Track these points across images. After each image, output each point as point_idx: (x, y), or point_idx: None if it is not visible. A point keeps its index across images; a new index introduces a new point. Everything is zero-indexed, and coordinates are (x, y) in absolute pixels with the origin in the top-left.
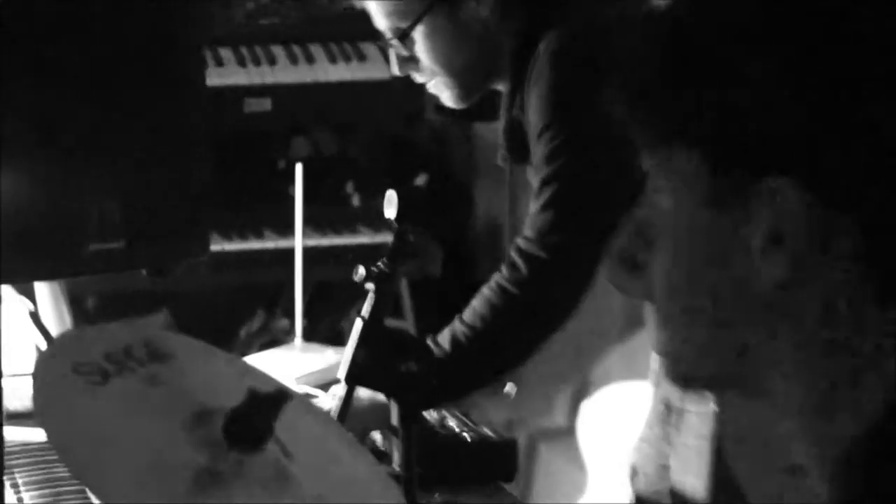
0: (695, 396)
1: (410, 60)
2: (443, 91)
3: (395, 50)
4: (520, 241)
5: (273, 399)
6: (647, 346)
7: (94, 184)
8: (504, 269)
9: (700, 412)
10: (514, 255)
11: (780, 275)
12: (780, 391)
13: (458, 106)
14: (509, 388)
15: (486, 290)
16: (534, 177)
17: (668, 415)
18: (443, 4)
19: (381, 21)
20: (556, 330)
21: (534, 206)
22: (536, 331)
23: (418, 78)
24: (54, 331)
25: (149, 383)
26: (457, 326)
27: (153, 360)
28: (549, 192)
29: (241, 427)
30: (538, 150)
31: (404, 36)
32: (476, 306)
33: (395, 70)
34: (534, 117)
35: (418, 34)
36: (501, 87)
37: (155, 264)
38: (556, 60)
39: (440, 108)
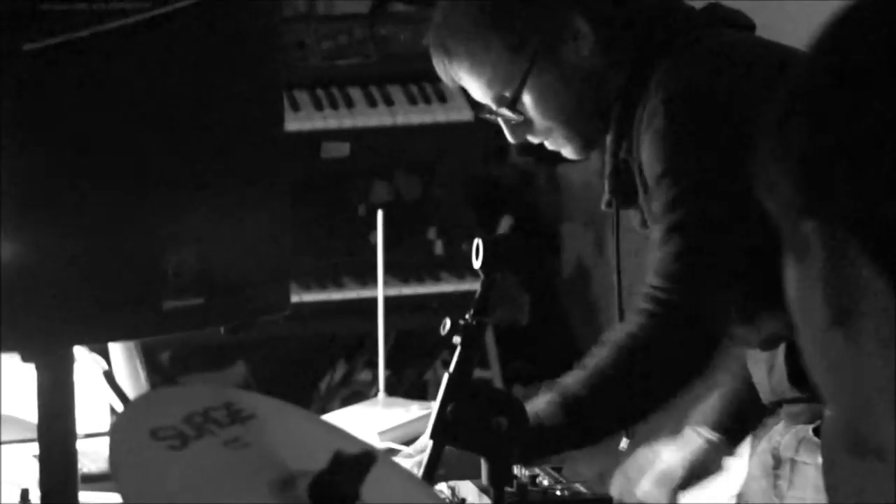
0: (812, 447)
1: (523, 124)
2: (564, 145)
3: (504, 118)
4: (649, 290)
5: (359, 461)
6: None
7: (169, 234)
8: (634, 318)
9: (819, 464)
10: (644, 303)
11: None
12: None
13: (583, 157)
14: (624, 444)
15: (613, 339)
16: (654, 226)
17: (777, 467)
18: (543, 55)
19: (481, 94)
20: (687, 386)
21: (660, 254)
22: (667, 387)
23: (534, 139)
24: (129, 389)
25: (230, 446)
26: (579, 376)
27: (234, 422)
28: (675, 240)
29: (326, 491)
30: (658, 197)
31: (513, 102)
32: (602, 356)
33: (511, 139)
34: (650, 161)
35: (525, 95)
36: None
37: (234, 321)
38: (671, 101)
39: (524, 148)
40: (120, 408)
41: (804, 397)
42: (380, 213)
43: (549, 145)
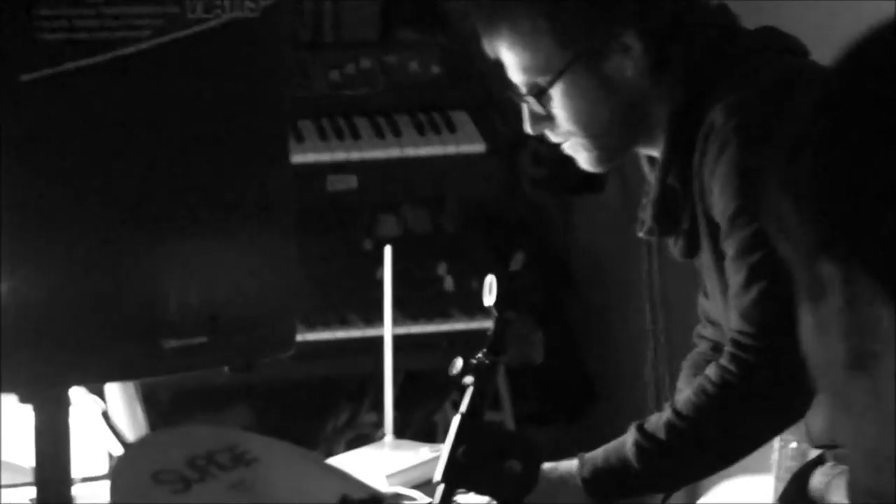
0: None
1: (546, 119)
2: (580, 153)
3: (530, 107)
4: (739, 336)
5: None
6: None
7: (171, 269)
8: (722, 367)
9: None
10: (735, 349)
11: None
12: None
13: (597, 170)
14: None
15: (705, 383)
16: (732, 268)
17: None
18: (586, 59)
19: (515, 75)
20: (774, 434)
21: (745, 298)
22: (758, 432)
23: (553, 138)
24: (128, 432)
25: (235, 490)
26: (670, 417)
27: (238, 465)
28: (759, 285)
29: None
30: (735, 234)
31: (541, 93)
32: (693, 398)
33: (528, 128)
34: (722, 195)
35: (556, 91)
36: (650, 151)
37: (237, 361)
38: (744, 128)
39: (537, 181)
40: (118, 450)
41: None
42: (387, 248)
43: (565, 148)
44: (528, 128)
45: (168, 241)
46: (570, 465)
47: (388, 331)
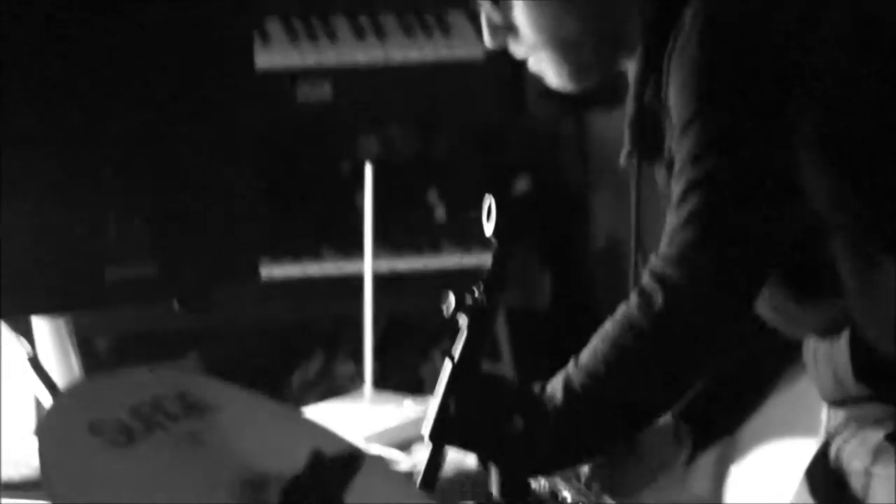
0: (889, 458)
1: (506, 29)
2: (547, 69)
3: (487, 15)
4: (655, 263)
5: (343, 463)
6: (812, 397)
7: (113, 190)
8: (633, 298)
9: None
10: (647, 279)
11: None
12: None
13: (568, 89)
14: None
15: (609, 326)
16: (674, 181)
17: (842, 481)
18: None
19: None
20: (698, 377)
21: (674, 219)
22: (676, 377)
23: (517, 52)
24: (60, 380)
25: (185, 444)
26: (572, 372)
27: (189, 415)
28: (694, 200)
29: (303, 498)
30: (682, 148)
31: None
32: (598, 346)
33: (487, 41)
34: (679, 101)
35: None
36: (630, 66)
37: (190, 295)
38: (710, 26)
39: (547, 94)
40: (48, 400)
41: (872, 395)
42: (368, 170)
43: (531, 65)
44: (486, 40)
45: (109, 160)
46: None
47: (368, 267)
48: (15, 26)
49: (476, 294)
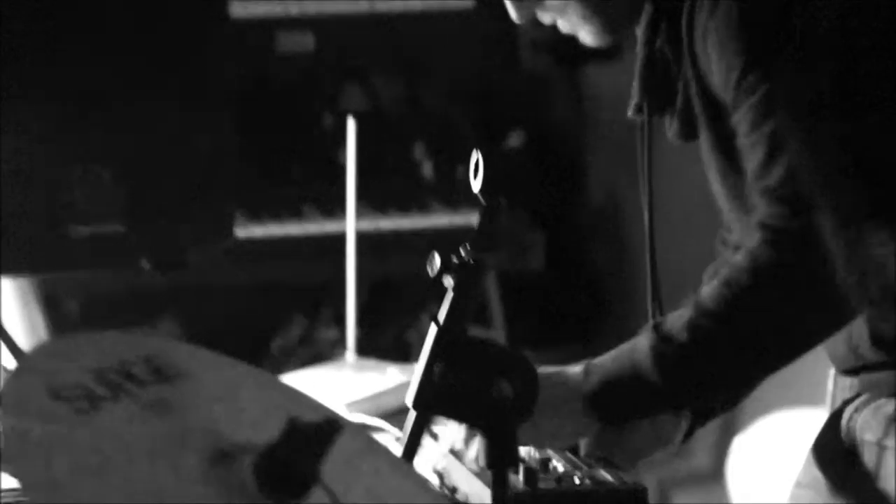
0: None
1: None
2: (580, 27)
3: None
4: (769, 219)
5: (321, 431)
6: (818, 365)
7: (79, 143)
8: (754, 249)
9: None
10: (766, 234)
11: None
12: None
13: (602, 43)
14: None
15: (733, 272)
16: (745, 135)
17: (859, 452)
18: None
19: None
20: (823, 333)
21: (770, 178)
22: (800, 328)
23: (545, 18)
24: (24, 343)
25: (153, 411)
26: (693, 315)
27: (158, 381)
28: (787, 154)
29: (277, 469)
30: (742, 104)
31: None
32: (722, 292)
33: (514, 15)
34: (724, 53)
35: None
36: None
37: (161, 254)
38: None
39: (539, 44)
40: (11, 363)
41: (887, 362)
42: (351, 123)
43: (561, 27)
44: (514, 17)
45: (75, 114)
46: (575, 374)
47: (350, 226)
48: None
49: (463, 254)
